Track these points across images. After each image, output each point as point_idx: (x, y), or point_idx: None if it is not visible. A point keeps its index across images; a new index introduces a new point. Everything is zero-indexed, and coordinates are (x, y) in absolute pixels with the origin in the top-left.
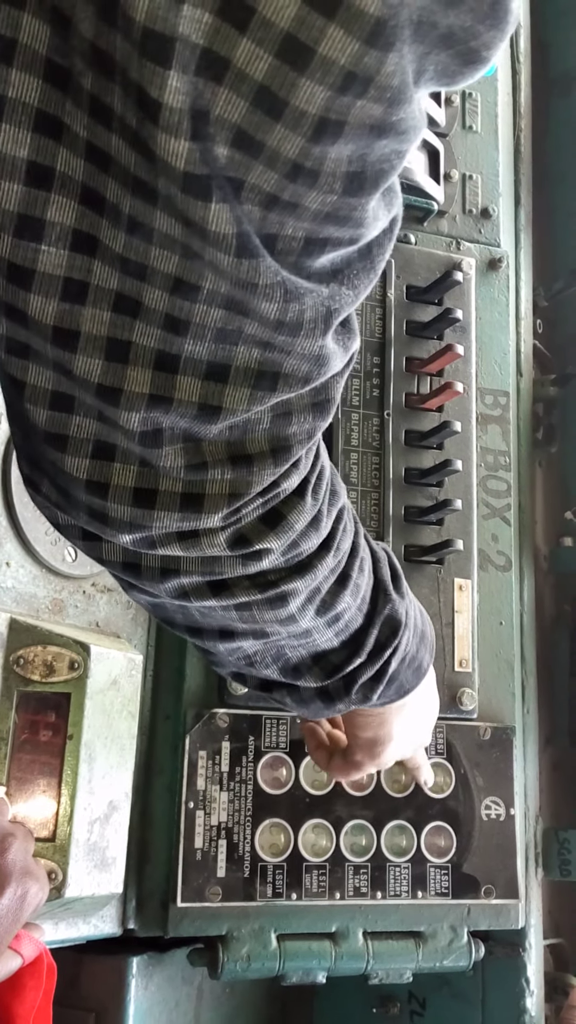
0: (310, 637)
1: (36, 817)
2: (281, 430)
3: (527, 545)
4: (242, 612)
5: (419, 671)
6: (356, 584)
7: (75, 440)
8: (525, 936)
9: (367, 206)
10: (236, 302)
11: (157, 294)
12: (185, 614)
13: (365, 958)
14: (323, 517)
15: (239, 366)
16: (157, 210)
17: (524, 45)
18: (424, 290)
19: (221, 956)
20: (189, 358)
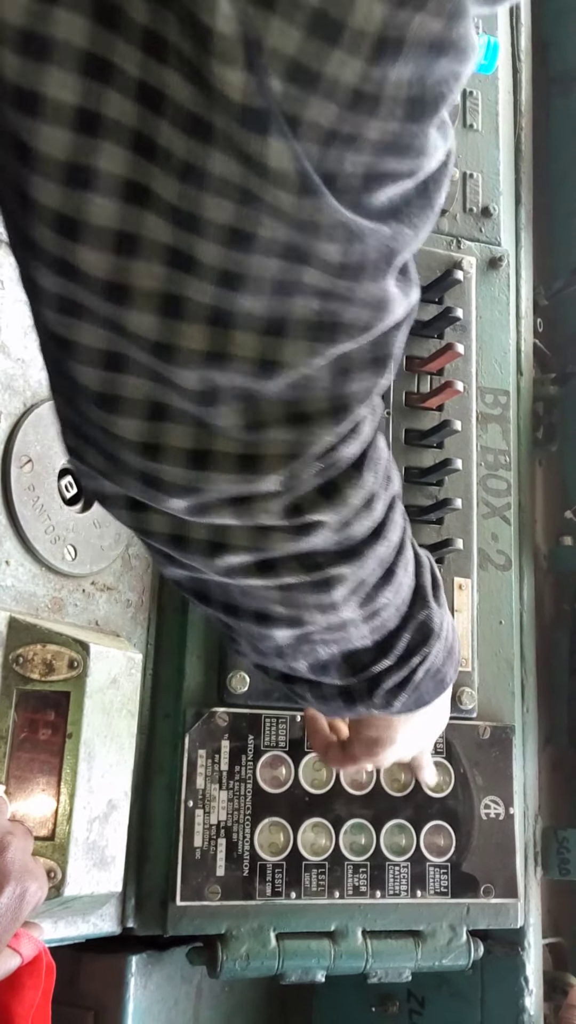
0: (345, 631)
1: (35, 815)
2: (341, 387)
3: (527, 544)
4: (285, 594)
5: (441, 685)
6: (399, 582)
7: (128, 401)
8: (524, 935)
9: (428, 132)
10: (295, 248)
11: (211, 248)
12: (224, 591)
13: (364, 957)
14: (377, 500)
15: (297, 319)
16: (213, 150)
17: (525, 44)
18: (424, 289)
19: (220, 955)
20: (246, 314)
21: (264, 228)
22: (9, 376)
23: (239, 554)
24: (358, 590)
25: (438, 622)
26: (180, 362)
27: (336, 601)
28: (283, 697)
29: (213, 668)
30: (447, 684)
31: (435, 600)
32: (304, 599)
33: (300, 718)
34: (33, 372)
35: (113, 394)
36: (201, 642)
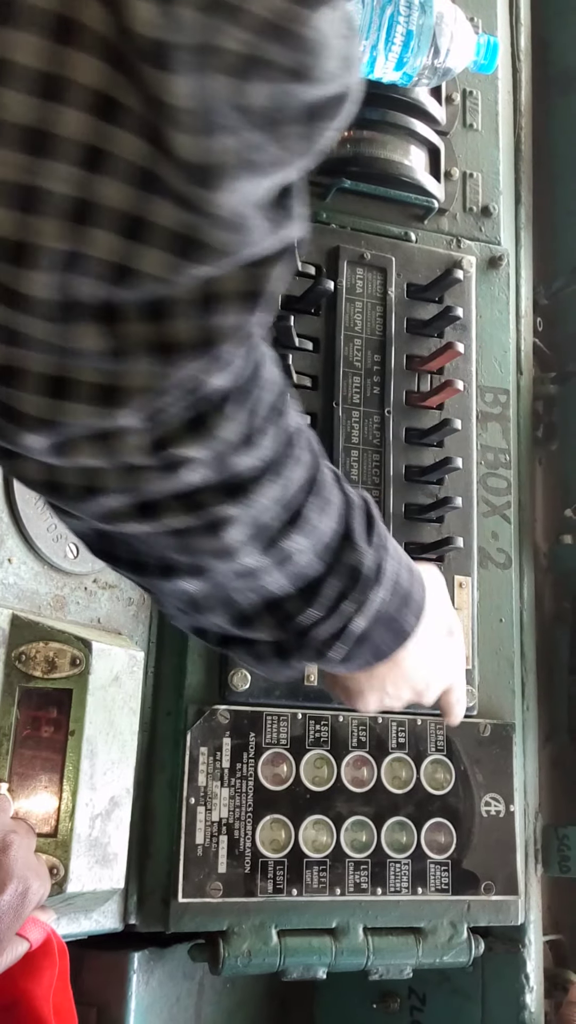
0: (257, 579)
1: (38, 813)
2: (207, 319)
3: (527, 543)
4: (178, 540)
5: (400, 635)
6: (313, 526)
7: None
8: (525, 932)
9: (313, 23)
10: (150, 128)
11: (76, 115)
12: (127, 545)
13: (365, 954)
14: (260, 435)
15: (158, 223)
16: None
17: (525, 43)
18: (424, 288)
19: (222, 952)
20: (107, 207)
21: (128, 98)
22: None
23: (114, 496)
24: (258, 534)
25: (372, 567)
26: (35, 264)
27: (230, 545)
28: (285, 695)
29: (214, 666)
30: (408, 631)
31: (368, 543)
32: (197, 544)
33: (301, 716)
34: None
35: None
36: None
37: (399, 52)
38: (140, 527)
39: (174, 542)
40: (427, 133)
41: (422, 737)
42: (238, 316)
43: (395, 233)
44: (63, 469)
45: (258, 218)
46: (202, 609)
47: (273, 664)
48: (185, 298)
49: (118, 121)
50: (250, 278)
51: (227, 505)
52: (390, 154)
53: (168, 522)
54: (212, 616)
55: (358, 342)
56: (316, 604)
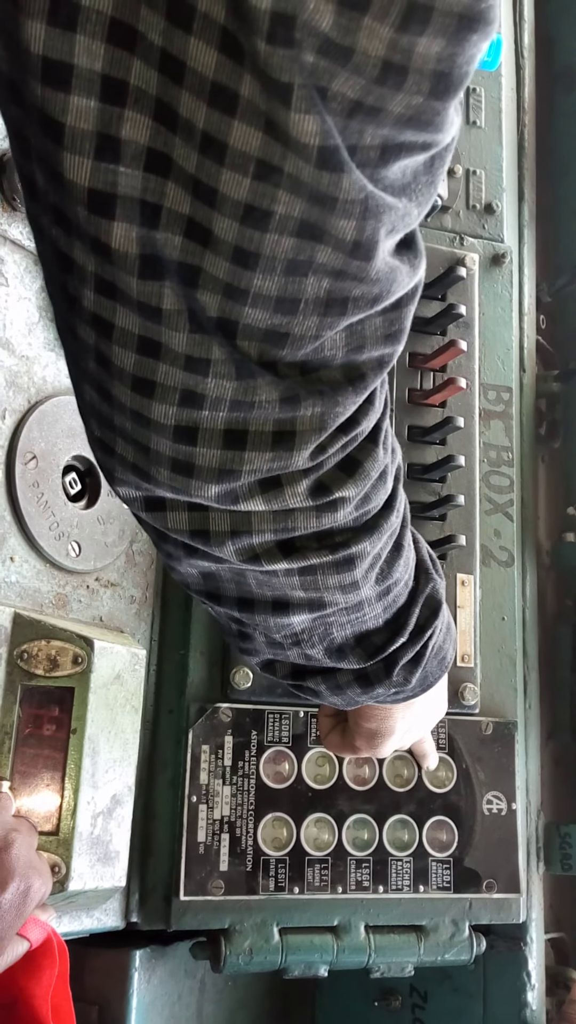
0: (361, 611)
1: (40, 811)
2: (354, 359)
3: (529, 541)
4: (306, 578)
5: (443, 663)
6: (407, 556)
7: (162, 387)
8: (526, 930)
9: (449, 109)
10: (310, 225)
11: (227, 224)
12: (239, 584)
13: (367, 952)
14: (389, 472)
15: (309, 297)
16: (235, 121)
17: (528, 40)
18: (427, 285)
19: (223, 949)
20: (258, 293)
21: (280, 205)
22: (13, 373)
23: (263, 535)
24: (375, 565)
25: (442, 593)
26: (201, 328)
27: (357, 579)
28: (286, 693)
29: (216, 664)
30: (448, 662)
31: (436, 573)
32: (327, 580)
33: (303, 714)
34: (37, 369)
35: (149, 379)
36: (204, 638)
37: None
38: (280, 565)
39: (300, 580)
40: None
41: None
42: (381, 352)
43: None
44: (218, 517)
45: (400, 266)
46: (302, 644)
47: (353, 692)
48: (335, 347)
49: (270, 226)
50: (391, 320)
51: (363, 541)
52: None
53: (310, 560)
54: (309, 650)
55: None
56: (403, 632)
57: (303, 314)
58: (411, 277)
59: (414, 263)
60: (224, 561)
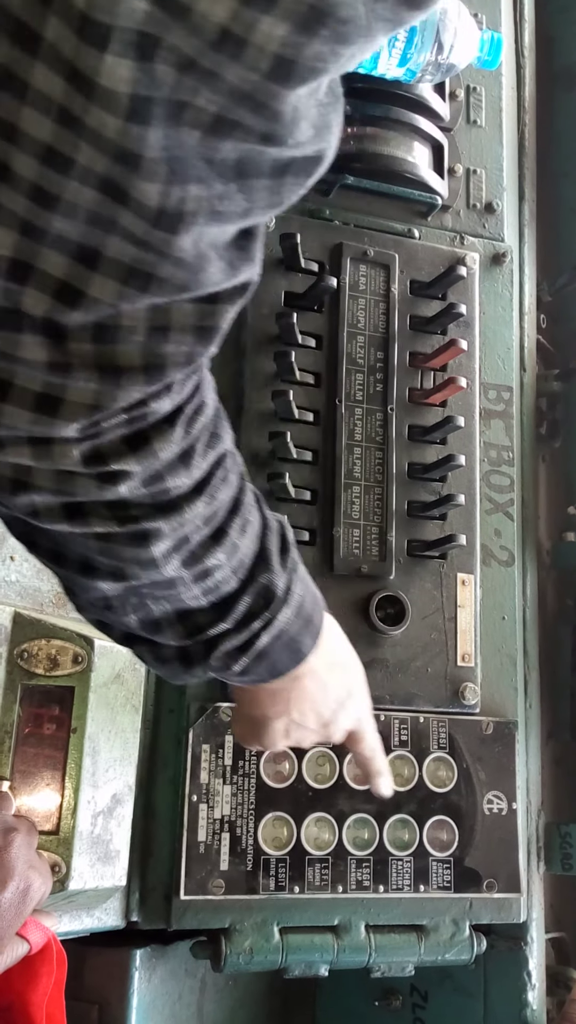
0: (174, 589)
1: (40, 810)
2: (156, 346)
3: (530, 540)
4: (101, 544)
5: (296, 654)
6: (233, 544)
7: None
8: (527, 930)
9: (288, 100)
10: (113, 184)
11: (26, 161)
12: (48, 536)
13: (367, 951)
14: (195, 456)
15: (110, 256)
16: (37, 61)
17: (529, 39)
18: (428, 285)
19: (224, 949)
20: (57, 235)
21: (82, 155)
22: None
23: (43, 494)
24: (180, 548)
25: (283, 587)
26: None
27: (155, 557)
28: None
29: None
30: (304, 653)
31: (281, 565)
32: (122, 552)
33: None
34: None
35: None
36: None
37: (403, 48)
38: (65, 527)
39: (97, 545)
40: (431, 129)
41: (424, 735)
42: (189, 347)
43: (398, 230)
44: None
45: (217, 260)
46: (114, 610)
47: (175, 668)
48: (133, 325)
49: (70, 173)
50: (204, 314)
51: (157, 519)
52: (393, 150)
53: (95, 527)
54: (123, 617)
55: (361, 339)
56: (227, 618)
57: (103, 272)
58: (228, 275)
59: (238, 264)
60: (10, 509)
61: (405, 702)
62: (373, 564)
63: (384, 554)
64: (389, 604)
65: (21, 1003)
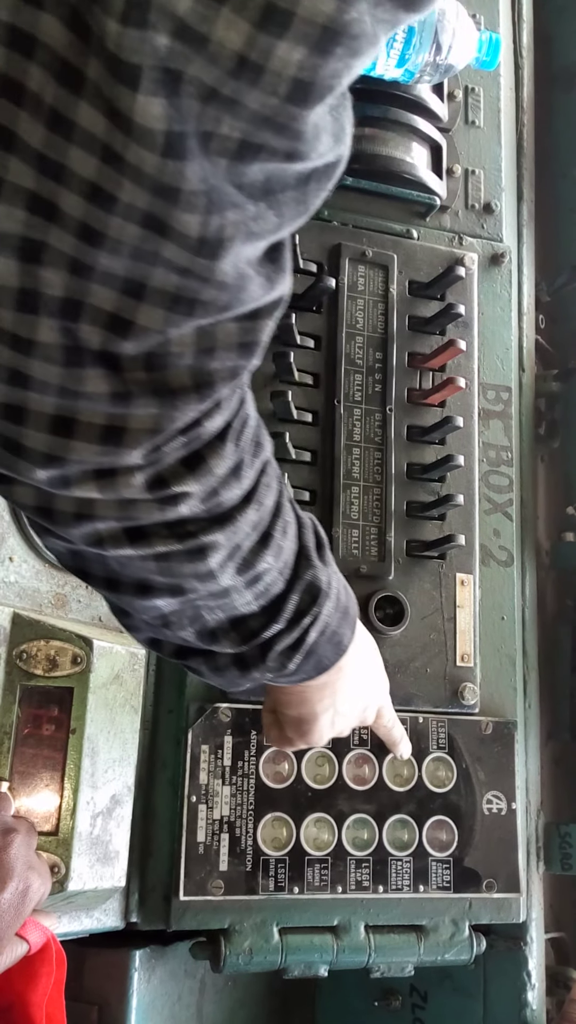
0: (228, 597)
1: (39, 811)
2: (204, 365)
3: (529, 540)
4: (161, 564)
5: (339, 647)
6: (279, 545)
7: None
8: (526, 930)
9: (308, 119)
10: (154, 218)
11: (73, 200)
12: (103, 564)
13: (367, 951)
14: (245, 467)
15: (155, 287)
16: (82, 100)
17: (527, 40)
18: (426, 285)
19: (223, 949)
20: (104, 271)
21: (125, 192)
22: None
23: (107, 522)
24: (234, 556)
25: (325, 580)
26: (39, 309)
27: (212, 568)
28: None
29: None
30: (345, 646)
31: (320, 559)
32: (181, 568)
33: None
34: None
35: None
36: None
37: (401, 49)
38: (128, 551)
39: (156, 565)
40: (429, 130)
41: (424, 735)
42: (234, 362)
43: (397, 230)
44: (60, 497)
45: (255, 276)
46: (171, 625)
47: (231, 675)
48: (182, 349)
49: (115, 209)
50: (246, 330)
51: (214, 532)
52: (392, 151)
53: (157, 548)
54: (180, 631)
55: (360, 340)
56: (279, 619)
57: (149, 302)
58: (266, 291)
59: (273, 278)
60: (72, 542)
61: (404, 702)
62: (372, 564)
63: (383, 554)
64: (388, 604)
65: (21, 1003)
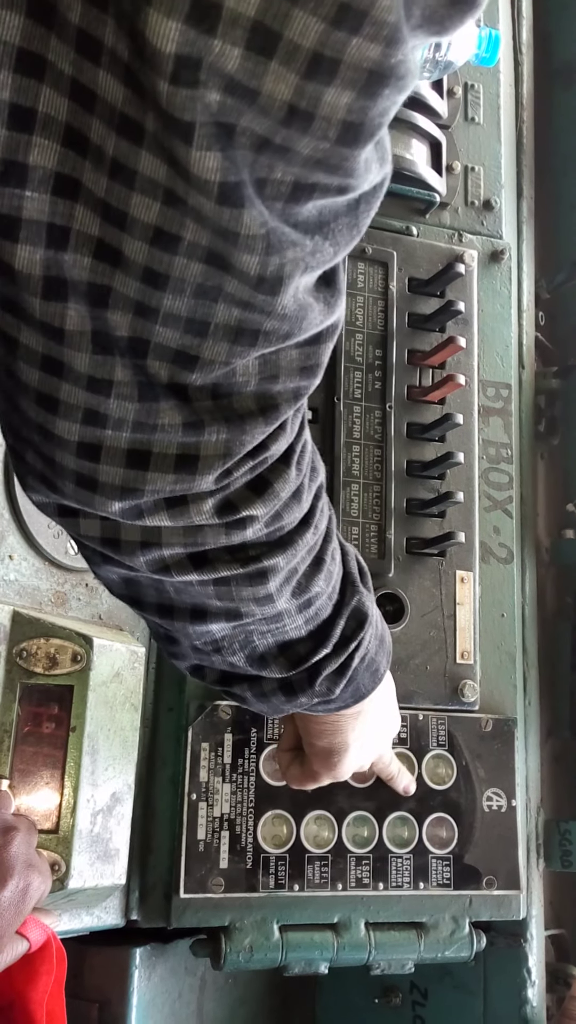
0: (281, 622)
1: (39, 809)
2: (268, 390)
3: (529, 537)
4: (220, 588)
5: (375, 675)
6: (329, 570)
7: (66, 405)
8: (526, 927)
9: (360, 157)
10: (216, 256)
11: (137, 245)
12: (159, 591)
13: (367, 949)
14: (304, 491)
15: (219, 323)
16: (142, 151)
17: (527, 36)
18: (426, 282)
19: (224, 947)
20: (168, 313)
21: (188, 231)
22: None
23: (172, 548)
24: (290, 579)
25: (369, 607)
26: (112, 350)
27: (271, 592)
28: None
29: None
30: (381, 674)
31: (364, 586)
32: (240, 592)
33: None
34: None
35: (53, 396)
36: None
37: None
38: (193, 576)
39: (216, 590)
40: (428, 127)
41: (424, 732)
42: (296, 385)
43: (396, 227)
44: (128, 527)
45: (315, 304)
46: (223, 651)
47: (277, 700)
48: (246, 378)
49: (178, 250)
50: (308, 355)
51: (276, 556)
52: (391, 148)
53: (220, 572)
54: (230, 657)
55: (359, 337)
56: (327, 643)
57: (213, 338)
58: (325, 315)
59: (331, 302)
60: (136, 570)
61: (404, 699)
62: (372, 562)
63: (383, 552)
64: (388, 602)
65: (22, 1001)
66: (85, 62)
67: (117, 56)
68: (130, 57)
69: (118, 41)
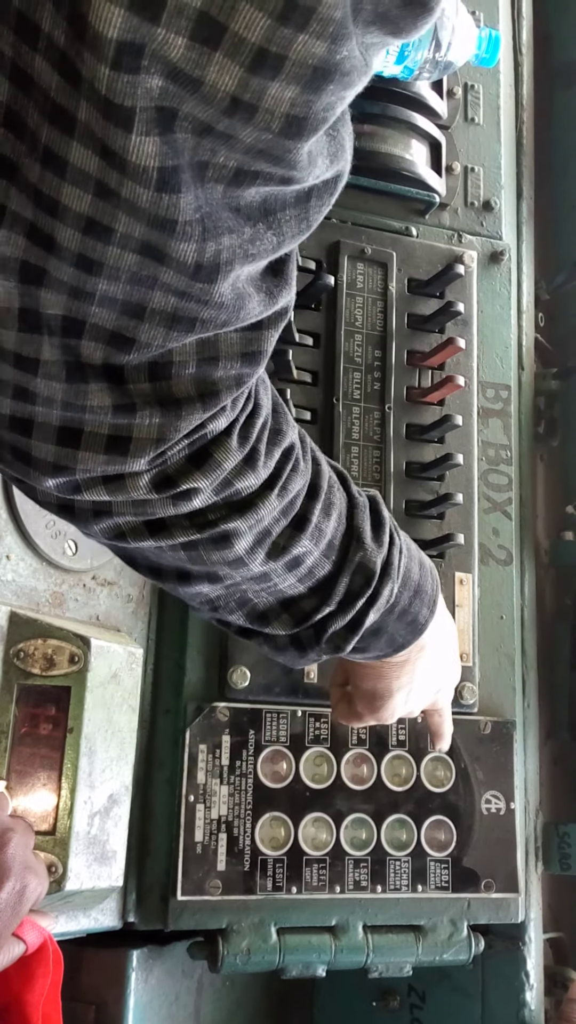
0: (270, 581)
1: (36, 811)
2: (207, 375)
3: (528, 539)
4: (190, 552)
5: (415, 625)
6: (318, 528)
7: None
8: (525, 930)
9: (302, 149)
10: (151, 247)
11: (69, 233)
12: (142, 554)
13: (365, 952)
14: (260, 456)
15: (155, 308)
16: (73, 141)
17: (527, 37)
18: (425, 283)
19: (221, 949)
20: (103, 296)
21: (120, 223)
22: None
23: (125, 517)
24: (262, 541)
25: (379, 562)
26: (40, 328)
27: (240, 555)
28: (284, 692)
29: (214, 663)
30: (422, 624)
31: (375, 541)
32: (209, 555)
33: (301, 713)
34: None
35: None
36: (202, 637)
37: (400, 46)
38: (151, 543)
39: (185, 554)
40: (428, 127)
41: (422, 734)
42: (238, 371)
43: (396, 228)
44: (78, 498)
45: (255, 293)
46: (219, 610)
47: (292, 654)
48: (184, 360)
49: (111, 240)
50: (249, 340)
51: (234, 520)
52: (391, 148)
53: (179, 538)
54: (228, 615)
55: (359, 337)
56: (330, 601)
57: (149, 322)
58: (266, 306)
59: (275, 292)
60: (94, 536)
61: None
62: None
63: None
64: None
65: (18, 1004)
66: (23, 46)
67: (53, 42)
68: (67, 43)
69: (55, 27)
